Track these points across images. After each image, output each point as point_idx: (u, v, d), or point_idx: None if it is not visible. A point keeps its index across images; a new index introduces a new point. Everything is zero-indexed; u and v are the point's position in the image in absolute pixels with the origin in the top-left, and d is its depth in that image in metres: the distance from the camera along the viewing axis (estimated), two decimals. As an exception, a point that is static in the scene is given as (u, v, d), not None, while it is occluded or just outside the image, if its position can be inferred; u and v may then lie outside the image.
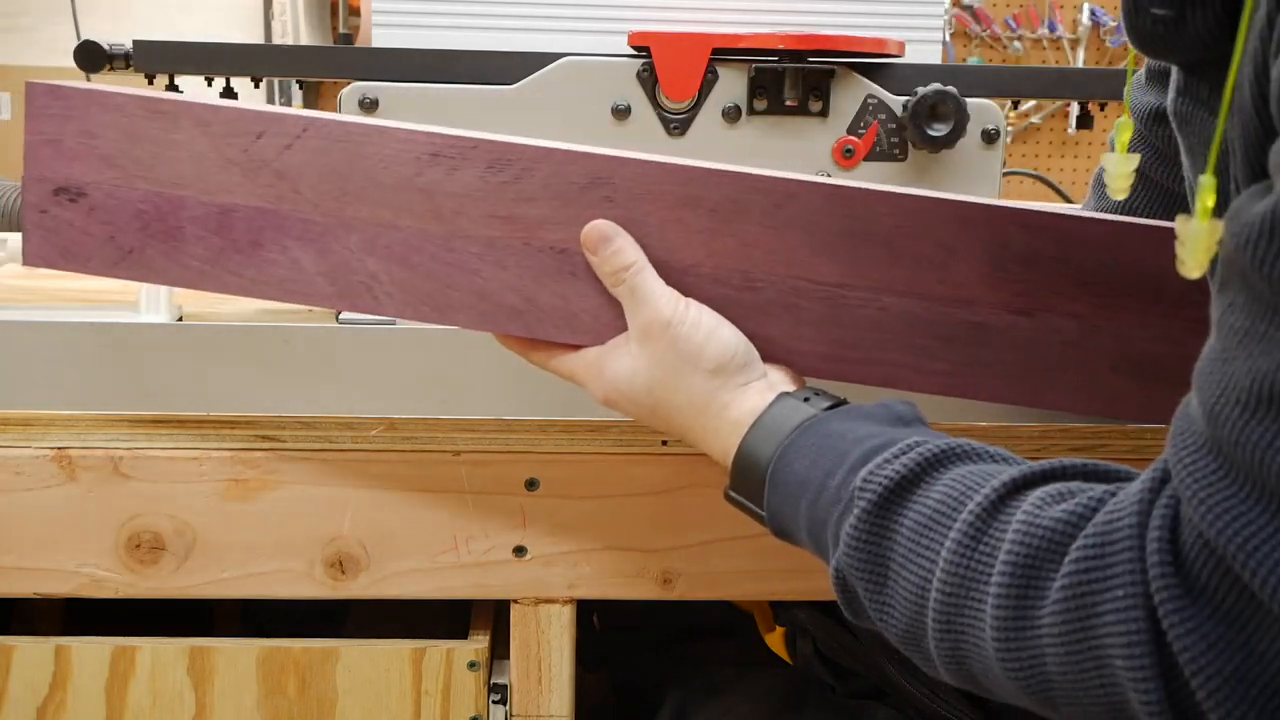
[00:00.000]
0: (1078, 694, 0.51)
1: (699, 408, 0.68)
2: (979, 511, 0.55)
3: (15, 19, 3.59)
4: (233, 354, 0.85)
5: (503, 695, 0.89)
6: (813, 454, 0.63)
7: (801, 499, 0.63)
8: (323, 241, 0.72)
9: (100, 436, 0.85)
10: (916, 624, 0.57)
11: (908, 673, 0.94)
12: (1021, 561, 0.52)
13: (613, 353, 0.71)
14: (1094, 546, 0.50)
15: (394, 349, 0.86)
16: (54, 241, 0.73)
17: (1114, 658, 0.48)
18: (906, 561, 0.57)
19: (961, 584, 0.54)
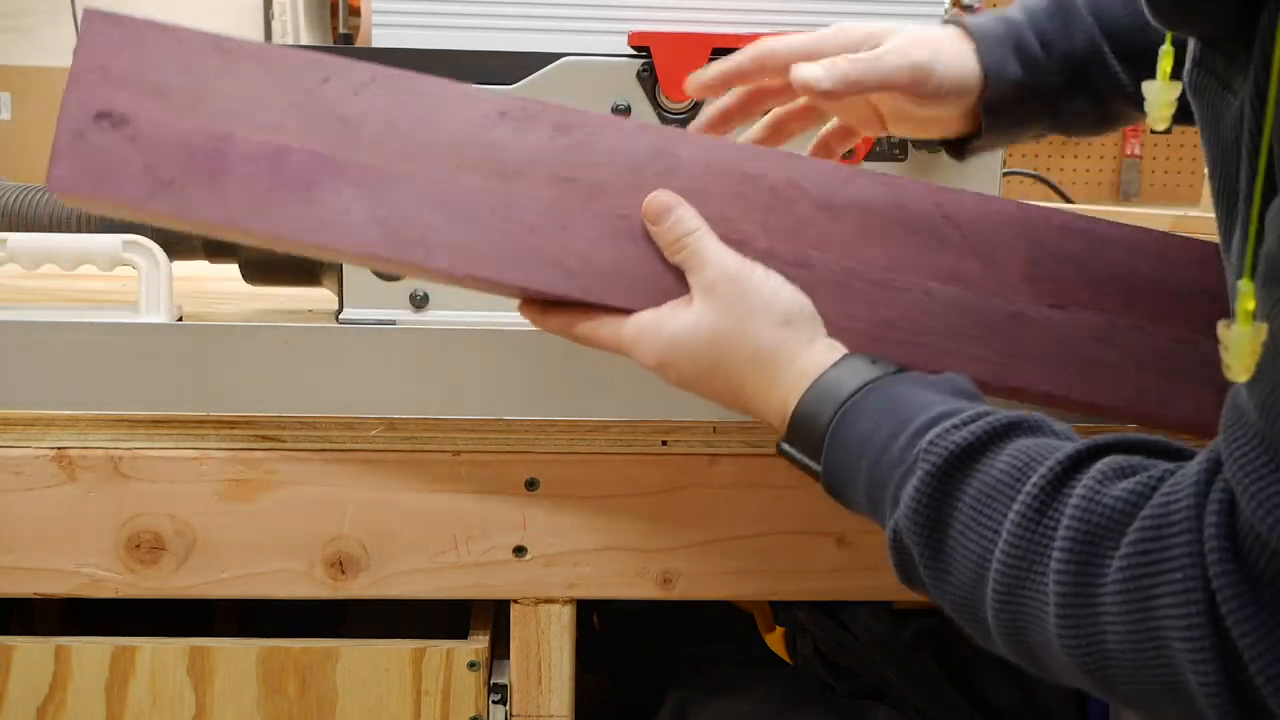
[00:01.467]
0: (1136, 672, 0.51)
1: (765, 358, 0.67)
2: (1043, 484, 0.55)
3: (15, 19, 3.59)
4: (233, 354, 0.85)
5: (503, 695, 0.89)
6: (877, 415, 0.63)
7: (862, 458, 0.63)
8: (379, 190, 0.70)
9: (100, 436, 0.85)
10: (974, 593, 0.57)
11: (907, 673, 0.94)
12: (1082, 538, 0.52)
13: (671, 311, 0.70)
14: (1152, 528, 0.50)
15: (394, 349, 0.86)
16: (86, 168, 0.69)
17: (1172, 639, 0.49)
18: (967, 529, 0.57)
19: (1024, 557, 0.54)
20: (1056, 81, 0.78)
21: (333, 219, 0.70)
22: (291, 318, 0.98)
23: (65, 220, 0.96)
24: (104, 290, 1.06)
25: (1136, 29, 0.77)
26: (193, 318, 0.93)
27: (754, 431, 0.87)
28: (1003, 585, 0.55)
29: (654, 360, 0.70)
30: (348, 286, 0.91)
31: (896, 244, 0.73)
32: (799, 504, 0.88)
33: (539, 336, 0.86)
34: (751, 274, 0.68)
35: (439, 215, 0.70)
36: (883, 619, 0.94)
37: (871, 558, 0.89)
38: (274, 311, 1.01)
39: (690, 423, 0.87)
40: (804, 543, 0.89)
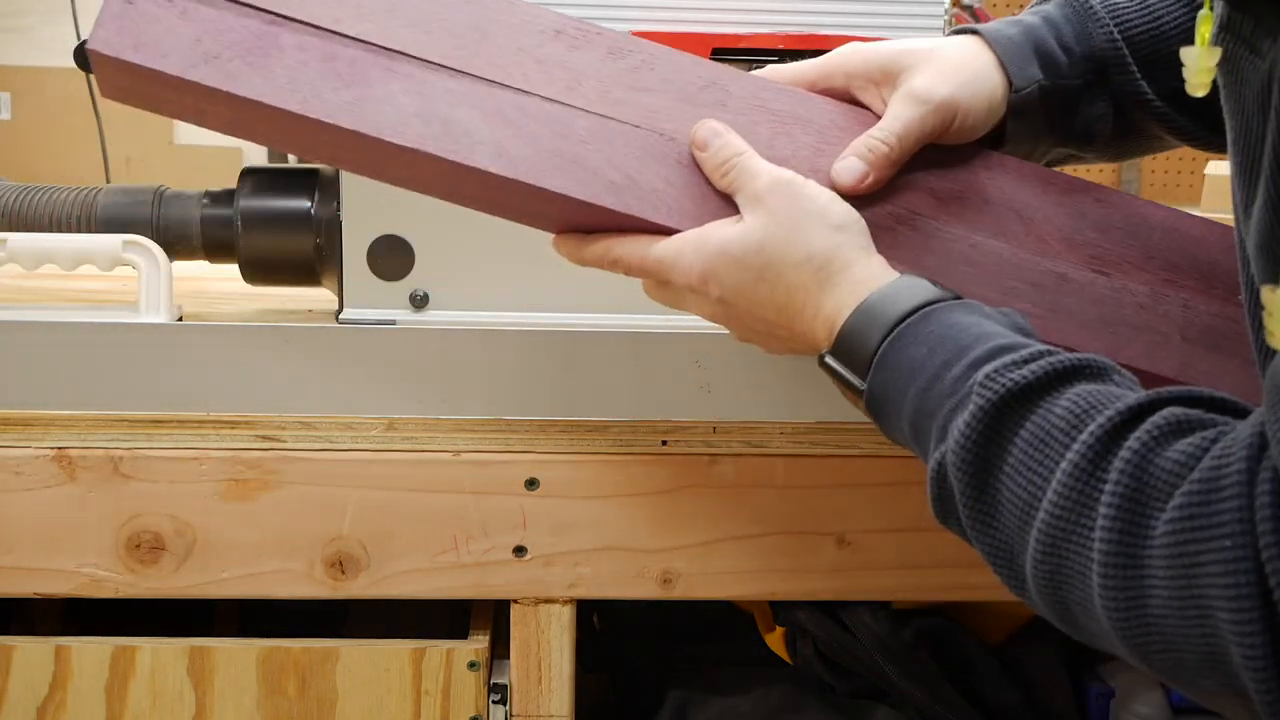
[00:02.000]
0: (1177, 639, 0.49)
1: (819, 261, 0.65)
2: (1100, 434, 0.53)
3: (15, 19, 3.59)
4: (233, 354, 0.85)
5: (503, 695, 0.89)
6: (932, 341, 0.61)
7: (911, 385, 0.60)
8: (428, 86, 0.69)
9: (100, 436, 0.85)
10: (1016, 540, 0.55)
11: (907, 673, 0.94)
12: (1131, 495, 0.50)
13: (718, 225, 0.68)
14: (1202, 492, 0.49)
15: (394, 349, 0.86)
16: (130, 31, 0.67)
17: (1218, 609, 0.47)
18: (1016, 473, 0.55)
19: (1073, 509, 0.52)
20: (1077, 84, 0.77)
21: (376, 109, 0.68)
22: (291, 318, 0.98)
23: (65, 220, 0.96)
24: (104, 290, 1.06)
25: (1155, 36, 0.76)
26: (193, 318, 0.93)
27: (754, 432, 0.87)
28: (1047, 536, 0.53)
29: (697, 272, 0.68)
30: (348, 286, 0.91)
31: (943, 197, 0.73)
32: (799, 504, 0.88)
33: (539, 336, 0.86)
34: (805, 182, 0.67)
35: (484, 117, 0.70)
36: (883, 619, 0.94)
37: (871, 558, 0.89)
38: (274, 311, 1.01)
39: (690, 423, 0.87)
40: (804, 543, 0.89)
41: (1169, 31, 0.77)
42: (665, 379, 0.87)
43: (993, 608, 0.98)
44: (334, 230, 0.91)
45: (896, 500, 0.88)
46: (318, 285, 0.97)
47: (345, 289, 0.91)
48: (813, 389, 0.88)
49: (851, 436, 0.88)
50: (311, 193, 0.94)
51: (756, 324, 0.69)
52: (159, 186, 0.98)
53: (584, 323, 0.91)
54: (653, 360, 0.87)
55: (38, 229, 0.96)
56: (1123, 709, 0.95)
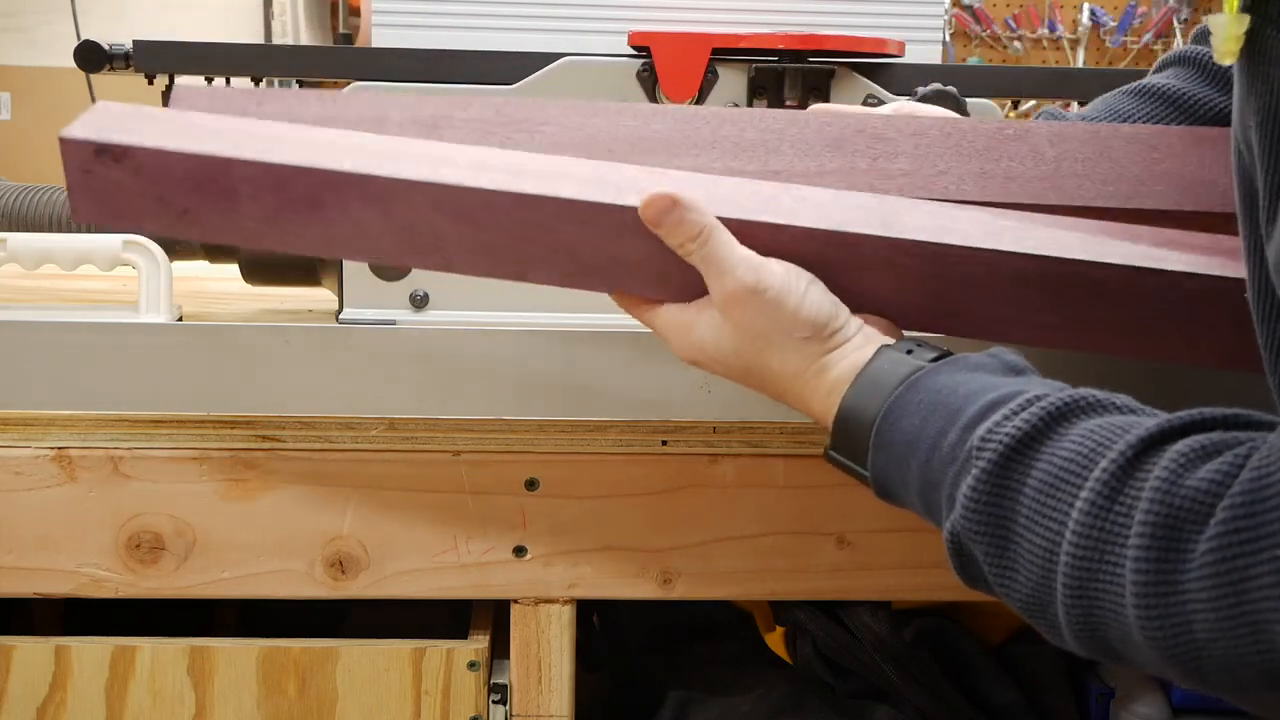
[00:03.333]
0: (1230, 660, 0.48)
1: (794, 373, 0.65)
2: (1114, 469, 0.51)
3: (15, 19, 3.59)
4: (233, 354, 0.85)
5: (503, 695, 0.89)
6: (922, 411, 0.60)
7: (911, 459, 0.60)
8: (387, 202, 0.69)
9: (100, 436, 0.85)
10: (1043, 589, 0.54)
11: (907, 673, 0.94)
12: (1163, 523, 0.49)
13: (697, 315, 0.68)
14: (1244, 505, 0.47)
15: (394, 349, 0.86)
16: (103, 202, 0.69)
17: (1273, 621, 0.46)
18: (1031, 524, 0.54)
19: (1096, 547, 0.51)
20: None
21: (348, 234, 0.69)
22: (291, 318, 0.98)
23: (65, 220, 0.96)
24: (104, 290, 1.06)
25: None
26: (193, 318, 0.93)
27: (754, 432, 0.87)
28: (1073, 579, 0.52)
29: (688, 357, 0.69)
30: (348, 286, 0.91)
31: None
32: (799, 504, 0.88)
33: (539, 336, 0.86)
34: (770, 285, 0.64)
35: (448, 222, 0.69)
36: (883, 619, 0.94)
37: (871, 558, 0.89)
38: (274, 311, 1.01)
39: (690, 423, 0.87)
40: (804, 543, 0.89)
41: None
42: (665, 379, 0.87)
43: (993, 608, 0.98)
44: (334, 230, 0.91)
45: (896, 500, 0.88)
46: (318, 285, 0.97)
47: (345, 289, 0.91)
48: (813, 389, 0.88)
49: (851, 436, 0.88)
50: (311, 193, 0.94)
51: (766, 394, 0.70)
52: (159, 186, 0.98)
53: (584, 323, 0.91)
54: (653, 360, 0.87)
55: (38, 229, 0.96)
56: (1123, 709, 0.95)
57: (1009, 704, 0.96)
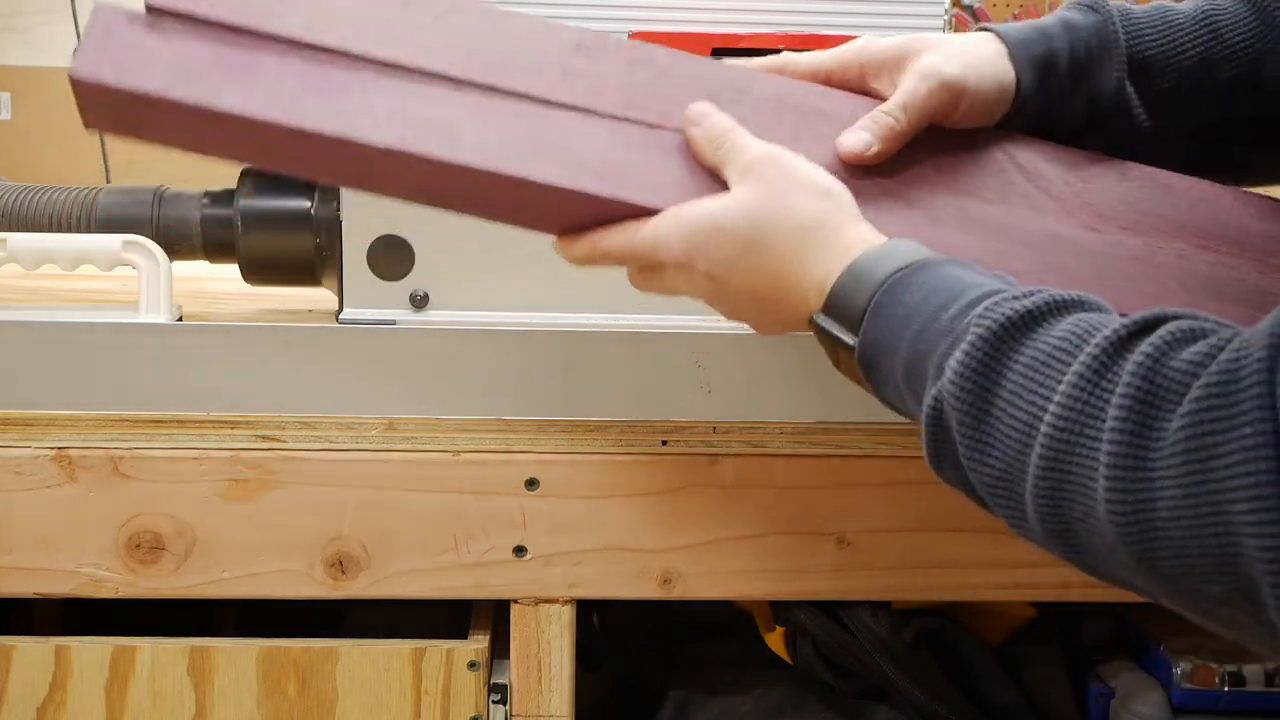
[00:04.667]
0: (1186, 544, 0.48)
1: (810, 226, 0.65)
2: (1105, 346, 0.52)
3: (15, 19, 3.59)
4: (233, 354, 0.85)
5: (503, 695, 0.89)
6: (926, 290, 0.60)
7: (906, 330, 0.60)
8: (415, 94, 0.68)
9: (100, 436, 0.85)
10: (1016, 465, 0.54)
11: (907, 673, 0.94)
12: (1142, 397, 0.49)
13: (701, 199, 0.68)
14: (1219, 384, 0.47)
15: (394, 349, 0.86)
16: (111, 58, 0.66)
17: (1235, 501, 0.45)
18: (1015, 397, 0.54)
19: (1077, 419, 0.51)
20: (1078, 121, 0.77)
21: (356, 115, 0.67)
22: (291, 318, 0.98)
23: (65, 220, 0.96)
24: (104, 290, 1.06)
25: (1170, 63, 0.76)
26: (193, 318, 0.93)
27: (754, 432, 0.87)
28: (1050, 451, 0.52)
29: (682, 248, 0.67)
30: (348, 286, 0.91)
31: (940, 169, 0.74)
32: (799, 504, 0.88)
33: (539, 336, 0.86)
34: (793, 155, 0.67)
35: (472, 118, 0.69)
36: (883, 619, 0.94)
37: (871, 558, 0.89)
38: (274, 311, 1.01)
39: (690, 423, 0.87)
40: (804, 543, 0.89)
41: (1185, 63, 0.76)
42: (665, 379, 0.87)
43: (993, 608, 0.98)
44: (334, 230, 0.91)
45: (896, 500, 0.88)
46: (318, 285, 0.97)
47: (345, 289, 0.91)
48: (813, 389, 0.88)
49: (851, 436, 0.88)
50: (311, 193, 0.94)
51: (746, 298, 0.69)
52: (159, 186, 0.98)
53: (584, 323, 0.91)
54: (653, 360, 0.87)
55: (38, 229, 0.96)
56: (1123, 709, 0.95)
57: (1009, 704, 0.96)
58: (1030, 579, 0.90)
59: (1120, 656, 0.99)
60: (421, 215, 0.90)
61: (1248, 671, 0.92)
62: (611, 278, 0.92)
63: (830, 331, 0.64)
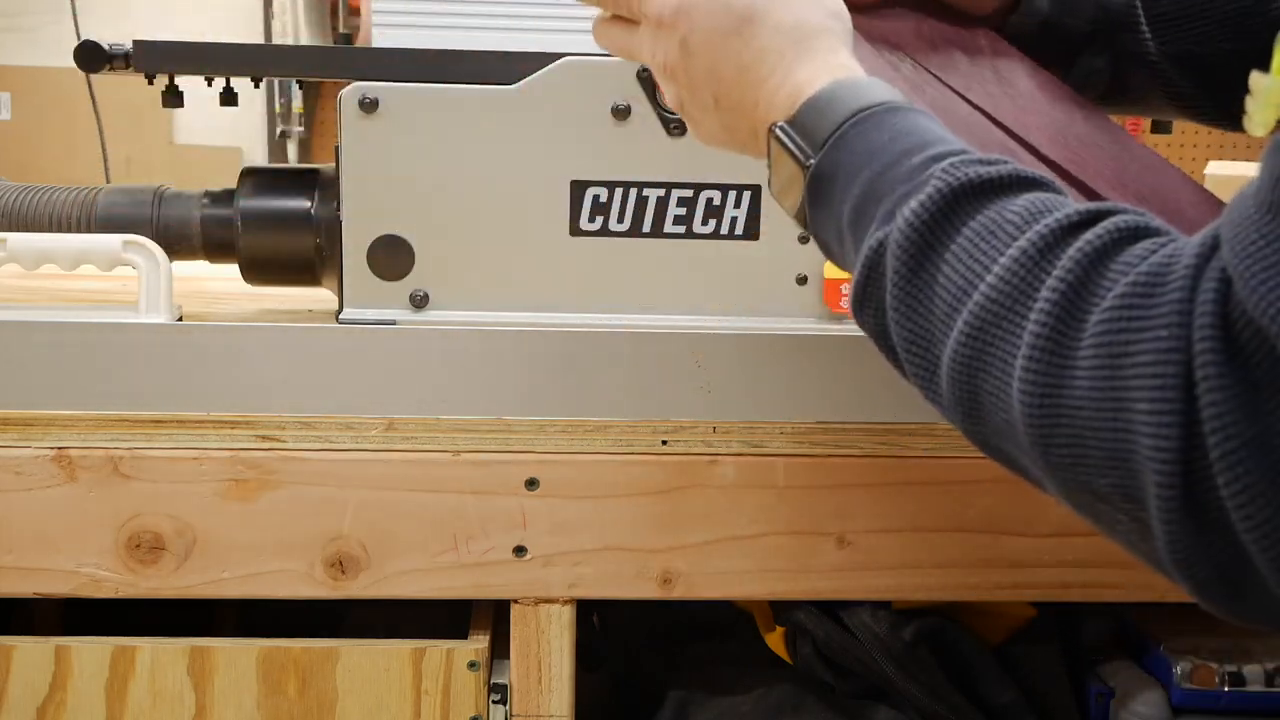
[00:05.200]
0: (1085, 432, 0.48)
1: (805, 32, 0.62)
2: (1054, 226, 0.51)
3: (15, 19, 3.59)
4: (233, 354, 0.85)
5: (503, 695, 0.89)
6: (896, 132, 0.58)
7: (867, 166, 0.58)
8: None
9: (100, 436, 0.85)
10: (940, 325, 0.54)
11: (907, 673, 0.94)
12: (1074, 284, 0.49)
13: None
14: (1144, 284, 0.47)
15: (394, 349, 0.86)
16: None
17: (1137, 400, 0.46)
18: (956, 260, 0.53)
19: (1009, 295, 0.51)
20: (1084, 29, 0.74)
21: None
22: (291, 318, 0.98)
23: (65, 220, 0.96)
24: (104, 290, 1.06)
25: None
26: (193, 318, 0.93)
27: (754, 432, 0.87)
28: (977, 320, 0.52)
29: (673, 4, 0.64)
30: (348, 286, 0.91)
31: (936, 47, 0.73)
32: (799, 504, 0.88)
33: (539, 336, 0.86)
34: None
35: None
36: (883, 619, 0.94)
37: (871, 558, 0.89)
38: (274, 311, 1.01)
39: (690, 423, 0.87)
40: (804, 543, 0.89)
41: None
42: (665, 379, 0.87)
43: (993, 608, 0.98)
44: (334, 230, 0.91)
45: (896, 500, 0.88)
46: (318, 285, 0.97)
47: (345, 289, 0.91)
48: (813, 389, 0.88)
49: (851, 436, 0.88)
50: (311, 193, 0.94)
51: (708, 81, 0.65)
52: (159, 186, 0.98)
53: (584, 323, 0.91)
54: (653, 360, 0.87)
55: (38, 229, 0.96)
56: (1122, 709, 0.95)
57: (1009, 704, 0.96)
58: (1030, 579, 0.90)
59: (1120, 656, 0.99)
60: (422, 215, 0.90)
61: (1248, 671, 0.92)
62: (611, 278, 0.92)
63: (788, 145, 0.61)
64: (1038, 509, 0.89)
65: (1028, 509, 0.89)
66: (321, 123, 3.85)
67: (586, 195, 0.91)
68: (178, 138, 3.68)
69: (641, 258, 0.92)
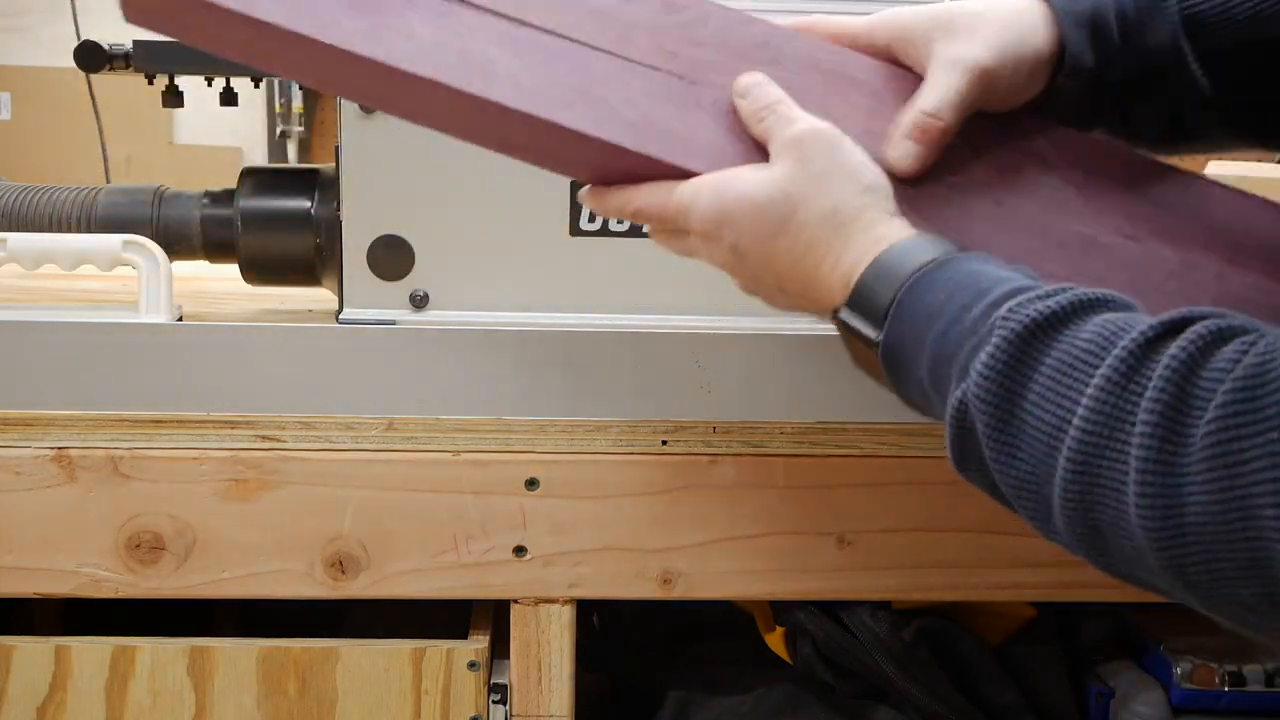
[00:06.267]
0: (1216, 546, 0.47)
1: (843, 219, 0.64)
2: (1133, 348, 0.51)
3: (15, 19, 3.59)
4: (233, 354, 0.85)
5: (503, 695, 0.89)
6: (950, 287, 0.59)
7: (930, 329, 0.59)
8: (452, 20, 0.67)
9: (100, 436, 0.85)
10: (1043, 468, 0.53)
11: (907, 673, 0.94)
12: (1172, 400, 0.48)
13: (747, 169, 0.67)
14: (1246, 387, 0.46)
15: (394, 349, 0.86)
16: None
17: (1262, 505, 0.45)
18: (1042, 399, 0.53)
19: (1107, 423, 0.50)
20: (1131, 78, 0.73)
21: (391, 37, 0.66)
22: (291, 318, 0.98)
23: (65, 220, 0.96)
24: (104, 290, 1.06)
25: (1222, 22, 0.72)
26: (193, 318, 0.93)
27: (754, 432, 0.87)
28: (1079, 454, 0.51)
29: (713, 215, 0.66)
30: (348, 286, 0.91)
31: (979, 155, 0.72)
32: (799, 504, 0.88)
33: (539, 336, 0.86)
34: (841, 136, 0.66)
35: (509, 54, 0.68)
36: (883, 619, 0.94)
37: (871, 558, 0.89)
38: (274, 311, 1.01)
39: (690, 423, 0.87)
40: (804, 543, 0.89)
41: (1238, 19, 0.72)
42: (665, 379, 0.87)
43: (993, 608, 0.98)
44: (334, 230, 0.91)
45: (896, 500, 0.88)
46: (318, 285, 0.97)
47: (345, 289, 0.91)
48: (813, 389, 0.88)
49: (851, 436, 0.88)
50: (311, 193, 0.94)
51: (767, 275, 0.68)
52: (159, 186, 0.98)
53: (584, 323, 0.91)
54: (653, 360, 0.87)
55: (38, 229, 0.96)
56: (1123, 709, 0.95)
57: (1009, 704, 0.96)
58: (1030, 579, 0.90)
59: (1120, 656, 0.99)
60: (422, 215, 0.90)
61: (1248, 671, 0.92)
62: (611, 278, 0.92)
63: (855, 328, 0.63)
64: (1038, 509, 0.89)
65: (1028, 509, 0.89)
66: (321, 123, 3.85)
67: (586, 195, 0.91)
68: (178, 138, 3.68)
69: (641, 258, 0.92)
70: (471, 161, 0.90)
